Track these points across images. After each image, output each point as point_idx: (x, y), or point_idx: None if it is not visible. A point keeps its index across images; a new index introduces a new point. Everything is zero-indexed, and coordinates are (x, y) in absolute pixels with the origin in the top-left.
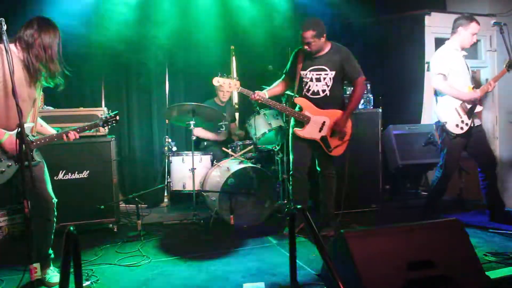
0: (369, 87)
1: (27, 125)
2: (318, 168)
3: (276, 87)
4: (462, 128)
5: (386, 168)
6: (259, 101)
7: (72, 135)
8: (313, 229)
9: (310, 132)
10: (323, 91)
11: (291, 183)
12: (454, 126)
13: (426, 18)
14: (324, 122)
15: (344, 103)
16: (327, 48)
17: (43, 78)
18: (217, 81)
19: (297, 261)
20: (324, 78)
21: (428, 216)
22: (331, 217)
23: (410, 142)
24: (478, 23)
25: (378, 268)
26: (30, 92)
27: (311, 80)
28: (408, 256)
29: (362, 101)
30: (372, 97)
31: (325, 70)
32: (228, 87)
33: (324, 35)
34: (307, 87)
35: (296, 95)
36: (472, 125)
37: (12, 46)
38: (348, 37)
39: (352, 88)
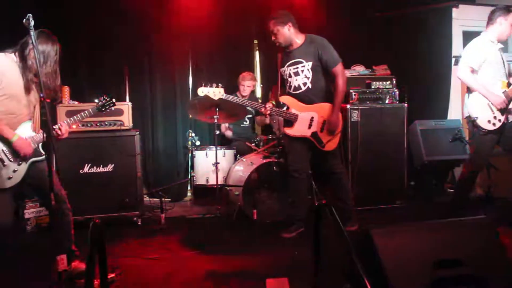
0: (394, 82)
1: (27, 123)
2: (324, 166)
3: (273, 97)
4: (494, 124)
5: (411, 164)
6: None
7: (63, 129)
8: (339, 225)
9: (300, 130)
10: (304, 84)
11: (289, 184)
12: (485, 122)
13: (454, 10)
14: (312, 117)
15: (331, 94)
16: (301, 40)
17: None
18: (201, 91)
19: None
20: (302, 71)
21: (455, 213)
22: (352, 212)
23: (436, 137)
24: None
25: (404, 266)
26: (30, 99)
27: (290, 76)
28: (436, 254)
29: (387, 96)
30: (397, 92)
31: (301, 62)
32: (213, 95)
33: (289, 23)
34: (288, 84)
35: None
36: (506, 121)
37: (12, 55)
38: (373, 31)
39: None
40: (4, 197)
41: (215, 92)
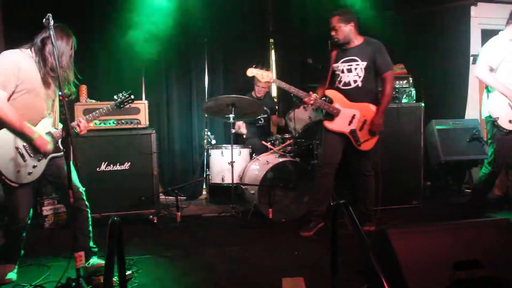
0: (411, 81)
1: (48, 120)
2: (354, 166)
3: (318, 90)
4: None
5: (428, 164)
6: (311, 104)
7: (82, 126)
8: (356, 225)
9: (339, 125)
10: (355, 81)
11: (316, 177)
12: (506, 122)
13: (472, 8)
14: (354, 115)
15: (377, 97)
16: (360, 41)
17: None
18: (251, 72)
19: None
20: (356, 69)
21: (472, 214)
22: (371, 213)
23: (453, 137)
24: None
25: (422, 267)
26: (48, 93)
27: (342, 71)
28: (454, 255)
29: (404, 95)
30: (414, 91)
31: (356, 60)
32: (261, 77)
33: (352, 23)
34: (338, 78)
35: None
36: None
37: (28, 50)
38: (390, 30)
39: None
40: (25, 191)
41: (264, 75)
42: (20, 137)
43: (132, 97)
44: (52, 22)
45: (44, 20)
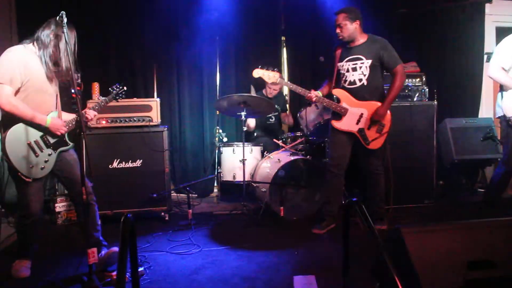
0: (424, 79)
1: (53, 114)
2: (363, 165)
3: (323, 89)
4: None
5: (441, 162)
6: (314, 101)
7: (91, 115)
8: (369, 223)
9: (347, 124)
10: (360, 80)
11: (326, 178)
12: None
13: (487, 6)
14: (361, 114)
15: (384, 95)
16: (364, 39)
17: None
18: (257, 73)
19: None
20: (360, 67)
21: (486, 213)
22: (382, 212)
23: (467, 136)
24: None
25: (436, 266)
26: (53, 87)
27: (347, 70)
28: (469, 255)
29: (416, 93)
30: (427, 90)
31: (361, 59)
32: (267, 78)
33: (358, 21)
34: (344, 78)
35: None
36: None
37: (31, 45)
38: (402, 28)
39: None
40: (37, 186)
41: (270, 75)
42: (33, 128)
43: (125, 88)
44: (65, 20)
45: (57, 17)
